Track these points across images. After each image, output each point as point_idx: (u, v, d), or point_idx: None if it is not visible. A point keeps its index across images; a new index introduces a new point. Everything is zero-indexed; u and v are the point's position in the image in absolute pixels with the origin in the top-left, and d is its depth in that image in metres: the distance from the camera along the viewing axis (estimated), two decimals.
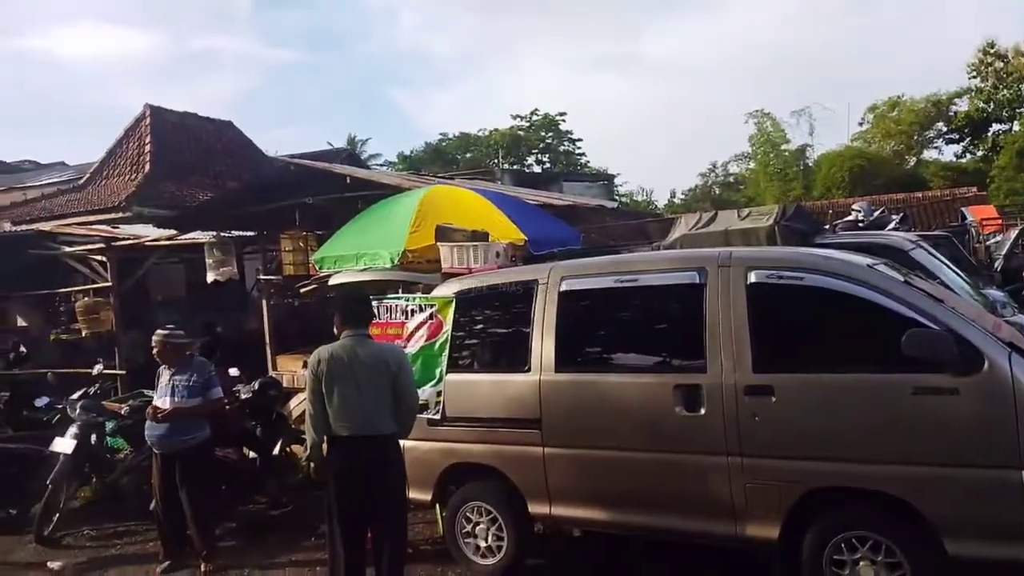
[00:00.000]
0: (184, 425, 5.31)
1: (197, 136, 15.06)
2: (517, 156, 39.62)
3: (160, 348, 5.42)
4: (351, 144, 35.91)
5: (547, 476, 4.47)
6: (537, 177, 27.34)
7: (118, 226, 11.02)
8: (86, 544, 6.12)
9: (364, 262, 5.97)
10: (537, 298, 4.67)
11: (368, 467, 4.13)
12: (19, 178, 28.93)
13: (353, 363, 4.13)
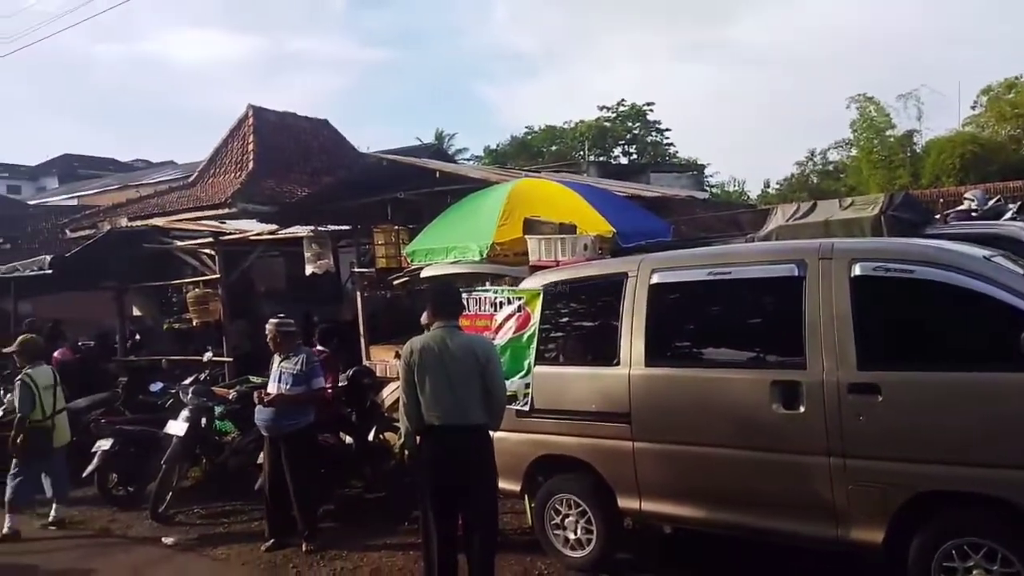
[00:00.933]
0: (289, 410, 5.62)
1: (295, 134, 15.68)
2: (603, 148, 39.21)
3: (273, 335, 5.75)
4: (438, 139, 36.56)
5: (637, 471, 4.43)
6: (624, 169, 27.00)
7: (225, 221, 11.62)
8: (196, 521, 6.51)
9: (454, 255, 6.08)
10: (626, 291, 4.62)
11: (458, 456, 4.21)
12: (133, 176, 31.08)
13: (443, 354, 4.20)
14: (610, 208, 6.34)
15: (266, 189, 13.59)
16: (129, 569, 5.44)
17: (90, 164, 42.53)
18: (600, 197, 6.67)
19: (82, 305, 13.63)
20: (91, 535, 6.34)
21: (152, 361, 10.72)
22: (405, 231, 8.94)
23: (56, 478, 6.64)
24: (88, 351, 11.25)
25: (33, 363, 6.62)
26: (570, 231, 5.56)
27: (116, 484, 7.09)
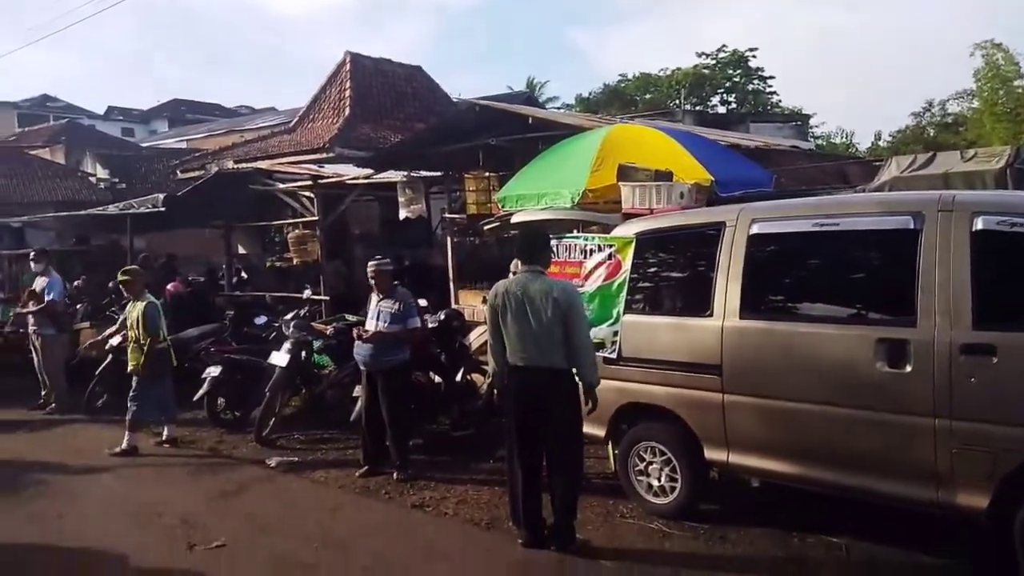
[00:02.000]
0: (387, 347, 5.87)
1: (390, 81, 15.85)
2: (700, 96, 37.71)
3: (373, 275, 5.97)
4: (530, 87, 36.10)
5: (726, 423, 4.37)
6: (721, 118, 25.91)
7: (323, 165, 11.97)
8: (296, 447, 6.92)
9: (545, 201, 6.04)
10: (723, 241, 4.49)
11: (538, 397, 4.31)
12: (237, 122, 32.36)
13: (525, 298, 4.29)
14: (709, 156, 6.11)
15: (361, 135, 13.85)
16: (236, 485, 5.86)
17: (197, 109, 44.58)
18: (699, 144, 6.44)
19: (191, 242, 14.50)
20: (201, 454, 6.84)
21: (256, 296, 11.32)
22: (496, 178, 8.96)
23: (168, 400, 7.18)
24: (198, 285, 11.97)
25: (143, 292, 7.07)
26: (666, 178, 5.42)
27: (224, 408, 7.61)
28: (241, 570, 4.28)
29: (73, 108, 46.82)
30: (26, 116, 42.13)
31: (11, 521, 5.18)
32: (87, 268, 13.29)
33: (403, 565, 4.27)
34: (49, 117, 41.41)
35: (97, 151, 26.54)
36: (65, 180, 23.75)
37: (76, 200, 20.50)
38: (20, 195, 21.57)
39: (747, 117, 25.70)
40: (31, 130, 35.23)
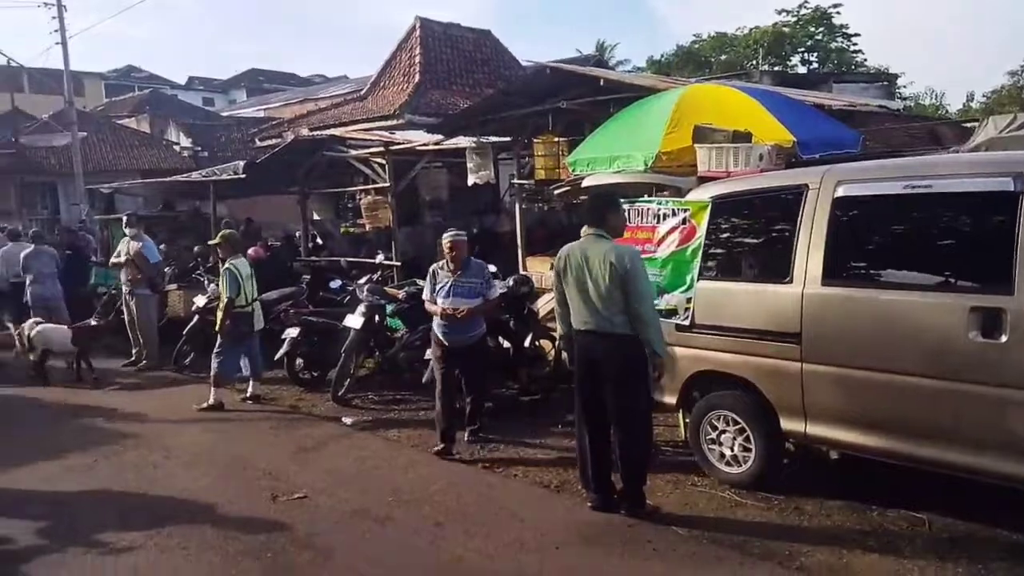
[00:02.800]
0: (471, 323, 5.72)
1: (459, 46, 15.83)
2: (779, 56, 36.10)
3: (450, 247, 5.68)
4: (599, 50, 35.34)
5: (804, 393, 4.25)
6: (802, 78, 24.66)
7: (394, 132, 12.11)
8: (370, 406, 7.13)
9: (617, 164, 5.92)
10: (806, 205, 4.32)
11: (599, 362, 4.30)
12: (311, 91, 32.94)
13: (585, 261, 4.28)
14: (791, 116, 5.84)
15: (431, 101, 13.93)
16: (315, 441, 6.10)
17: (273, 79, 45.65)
18: (780, 104, 6.16)
19: (268, 208, 14.94)
20: (282, 411, 7.14)
21: (331, 261, 11.61)
22: (565, 142, 8.84)
23: (253, 359, 7.50)
24: (277, 250, 12.35)
25: (234, 255, 7.37)
26: (745, 140, 5.22)
27: (302, 368, 7.90)
28: (321, 521, 4.46)
29: (156, 78, 48.72)
30: (113, 86, 44.07)
31: (113, 469, 5.55)
32: (173, 233, 13.90)
33: (474, 523, 4.37)
34: (134, 87, 43.23)
35: (180, 120, 27.60)
36: (150, 148, 24.80)
37: (161, 168, 21.42)
38: (109, 162, 22.68)
39: (829, 77, 24.40)
40: (118, 100, 36.87)
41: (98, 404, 7.50)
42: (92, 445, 6.08)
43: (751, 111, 5.80)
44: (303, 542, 4.18)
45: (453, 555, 4.00)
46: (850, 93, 18.85)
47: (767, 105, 5.88)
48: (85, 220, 16.09)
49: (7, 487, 5.23)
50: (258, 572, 3.85)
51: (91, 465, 5.64)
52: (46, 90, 28.39)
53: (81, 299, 10.11)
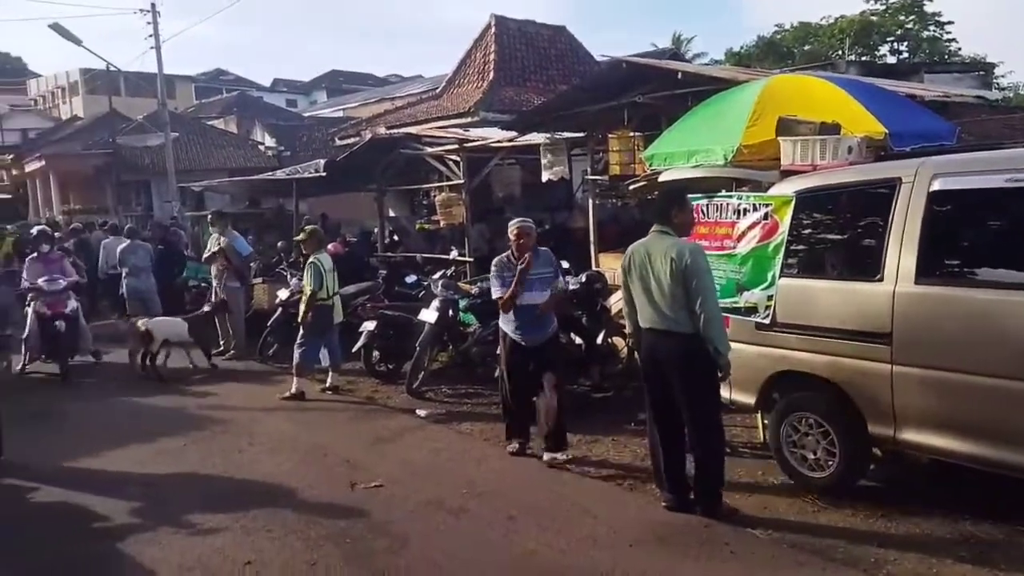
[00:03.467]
0: (547, 318, 5.42)
1: (534, 42, 15.84)
2: (867, 46, 34.54)
3: (517, 235, 5.35)
4: (675, 43, 34.71)
5: (894, 396, 4.05)
6: (891, 69, 23.53)
7: (468, 129, 12.22)
8: (444, 399, 7.23)
9: (696, 159, 5.79)
10: (898, 199, 4.12)
11: (664, 361, 4.23)
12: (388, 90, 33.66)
13: (648, 259, 4.23)
14: (882, 106, 5.56)
15: (505, 98, 13.99)
16: (391, 432, 6.23)
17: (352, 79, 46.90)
18: (871, 94, 5.88)
19: (346, 205, 15.37)
20: (359, 401, 7.32)
21: (407, 257, 11.84)
22: (641, 137, 8.73)
23: (332, 350, 7.72)
24: (354, 245, 12.68)
25: (318, 250, 7.61)
26: (832, 132, 5.01)
27: (378, 360, 8.08)
28: (397, 510, 4.55)
29: (243, 81, 50.84)
30: (202, 89, 46.26)
31: (201, 453, 5.82)
32: (258, 229, 14.48)
33: (547, 518, 4.37)
34: (222, 90, 45.22)
35: (265, 121, 28.70)
36: (237, 148, 25.93)
37: (247, 167, 22.36)
38: (199, 162, 23.81)
39: (921, 67, 23.19)
40: (207, 102, 38.65)
41: (188, 390, 7.88)
42: (182, 430, 6.40)
43: (839, 101, 5.56)
44: (380, 529, 4.28)
45: (526, 549, 4.01)
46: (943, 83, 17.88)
47: (856, 95, 5.62)
48: (177, 217, 16.93)
49: (104, 468, 5.55)
50: (338, 557, 3.96)
51: (181, 449, 5.93)
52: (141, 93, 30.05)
53: (173, 292, 10.63)
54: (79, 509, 4.82)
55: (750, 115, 5.60)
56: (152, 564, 3.96)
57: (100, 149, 25.45)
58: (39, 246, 8.83)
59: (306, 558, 3.94)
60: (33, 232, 9.45)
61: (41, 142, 34.76)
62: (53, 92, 50.74)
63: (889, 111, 5.48)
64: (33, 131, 42.48)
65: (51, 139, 34.02)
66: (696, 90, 7.65)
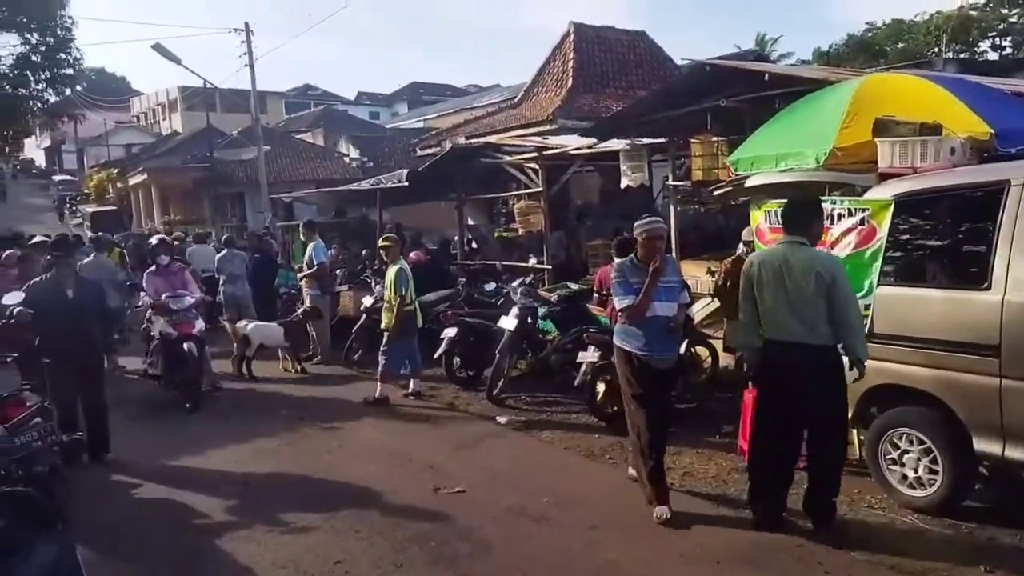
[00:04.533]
0: (676, 334, 4.83)
1: (613, 48, 15.77)
2: (965, 43, 32.64)
3: (648, 237, 4.50)
4: (759, 44, 33.76)
5: (1003, 412, 3.80)
6: (992, 66, 22.18)
7: (547, 137, 12.26)
8: (523, 407, 7.25)
9: (785, 163, 5.61)
10: (1007, 203, 3.88)
11: (798, 375, 4.04)
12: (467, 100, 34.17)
13: (783, 270, 4.04)
14: (987, 105, 5.24)
15: (583, 105, 13.97)
16: (472, 438, 6.30)
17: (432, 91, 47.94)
18: (974, 92, 5.55)
19: (425, 214, 15.65)
20: (440, 407, 7.43)
21: (486, 265, 11.97)
22: (724, 142, 8.53)
23: (412, 356, 7.87)
24: (435, 254, 12.91)
25: (397, 259, 7.79)
26: (933, 132, 4.76)
27: (459, 367, 8.19)
28: (479, 515, 4.59)
29: (329, 95, 52.77)
30: (291, 104, 48.30)
31: (293, 455, 6.05)
32: (343, 238, 14.94)
33: (630, 529, 4.31)
34: (310, 104, 47.06)
35: (349, 133, 29.69)
36: (324, 160, 26.91)
37: (332, 178, 23.15)
38: (289, 174, 24.82)
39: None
40: (296, 116, 40.30)
41: (279, 394, 8.21)
42: (275, 432, 6.66)
43: (940, 101, 5.28)
44: (464, 535, 4.32)
45: (609, 559, 3.97)
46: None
47: (958, 94, 5.32)
48: (268, 226, 17.68)
49: (204, 467, 5.84)
50: (423, 560, 4.03)
51: (274, 450, 6.18)
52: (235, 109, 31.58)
53: (266, 298, 11.10)
54: (180, 506, 5.09)
55: (844, 116, 5.39)
56: (248, 561, 4.14)
57: (198, 163, 26.99)
58: (157, 257, 8.15)
59: (393, 559, 4.03)
60: (152, 242, 8.89)
61: (143, 156, 37.17)
62: (154, 109, 54.17)
63: (994, 110, 5.16)
64: (136, 146, 45.51)
65: (153, 154, 36.34)
66: (784, 92, 7.43)
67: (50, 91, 21.51)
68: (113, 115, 50.81)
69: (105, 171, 40.18)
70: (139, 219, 33.06)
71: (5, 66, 20.33)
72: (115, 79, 66.77)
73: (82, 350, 5.85)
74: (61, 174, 50.78)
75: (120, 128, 51.64)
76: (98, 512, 4.95)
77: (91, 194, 39.87)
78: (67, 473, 4.88)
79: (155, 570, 4.13)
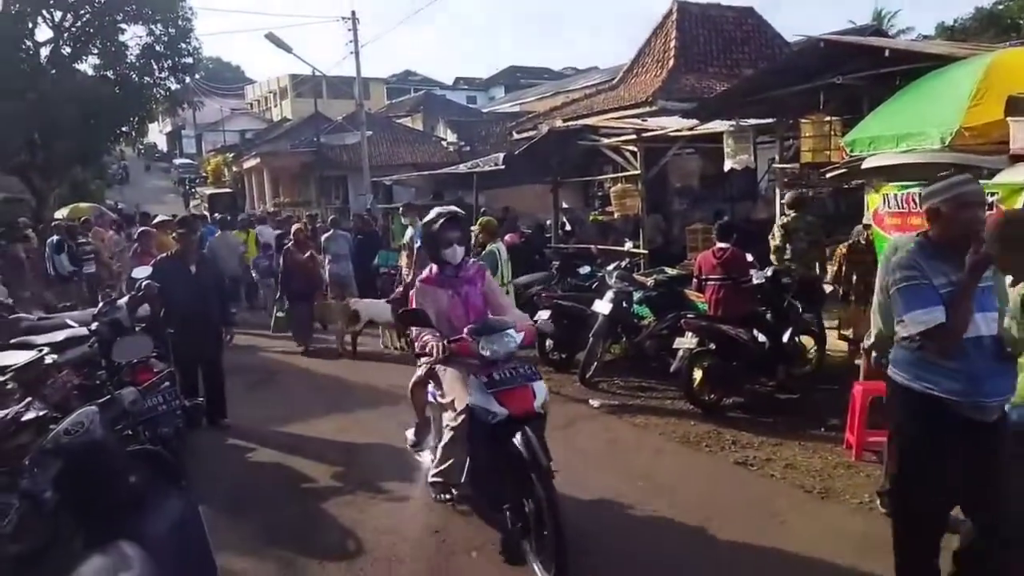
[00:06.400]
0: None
1: (718, 26, 15.24)
2: None
3: (971, 203, 2.89)
4: (877, 19, 31.72)
5: None
6: None
7: (646, 119, 12.03)
8: (616, 391, 7.20)
9: (906, 143, 5.29)
10: None
11: None
12: (564, 83, 33.97)
13: None
14: None
15: (685, 85, 13.61)
16: (565, 420, 6.30)
17: (529, 74, 47.94)
18: None
19: (519, 197, 15.74)
20: None
21: (581, 248, 11.93)
22: (838, 122, 8.13)
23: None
24: (529, 236, 12.98)
25: (493, 240, 7.88)
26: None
27: (551, 349, 8.21)
28: (574, 496, 4.59)
29: (428, 81, 53.75)
30: (392, 90, 49.56)
31: (393, 426, 6.18)
32: None
33: (730, 517, 4.22)
34: (410, 89, 48.10)
35: (447, 118, 30.14)
36: (423, 144, 27.48)
37: (430, 161, 23.62)
38: (389, 158, 25.51)
39: None
40: (396, 102, 41.31)
41: (378, 369, 8.50)
42: (375, 404, 6.93)
43: None
44: None
45: (709, 547, 3.91)
46: None
47: None
48: (370, 208, 18.26)
49: (310, 435, 6.15)
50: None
51: (377, 421, 6.42)
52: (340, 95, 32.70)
53: (367, 278, 11.51)
54: (289, 470, 5.39)
55: (972, 94, 5.03)
56: (351, 525, 4.34)
57: (305, 147, 28.16)
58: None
59: (489, 536, 4.11)
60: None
61: (256, 141, 39.19)
62: (266, 96, 56.91)
63: None
64: (249, 132, 48.00)
65: (264, 139, 38.21)
66: (905, 68, 6.97)
67: (172, 79, 22.92)
68: (229, 102, 53.80)
69: (221, 155, 42.66)
70: (251, 201, 34.89)
71: (132, 56, 21.83)
72: (230, 68, 70.58)
73: (202, 321, 6.26)
74: (181, 158, 54.27)
75: (235, 114, 54.63)
76: (216, 473, 5.30)
77: (208, 177, 42.42)
78: (187, 435, 5.26)
79: (271, 528, 4.38)
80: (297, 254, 9.59)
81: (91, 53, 21.49)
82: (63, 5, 20.45)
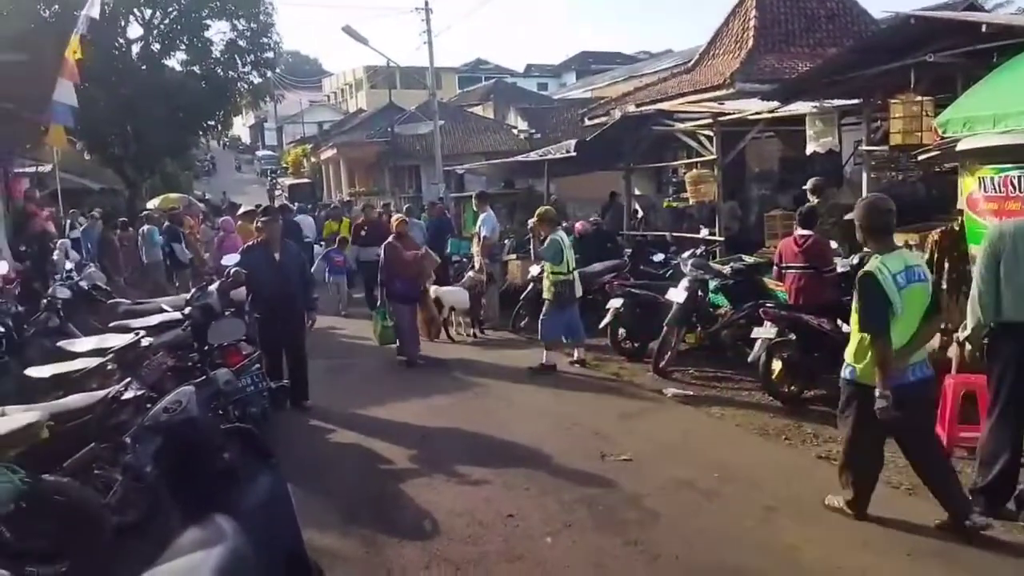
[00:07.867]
0: None
1: (800, 4, 14.65)
2: None
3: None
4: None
5: None
6: None
7: (723, 103, 11.70)
8: (691, 381, 7.09)
9: (1006, 124, 4.96)
10: None
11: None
12: (636, 68, 33.37)
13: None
14: None
15: (765, 67, 13.16)
16: (637, 408, 6.29)
17: (601, 59, 47.31)
18: None
19: (592, 185, 15.58)
20: (605, 377, 7.46)
21: (654, 235, 11.75)
22: (930, 102, 7.69)
23: (574, 325, 7.92)
24: (599, 224, 12.86)
25: (553, 229, 7.85)
26: None
27: (624, 338, 8.14)
28: (646, 485, 4.59)
29: (500, 69, 53.83)
30: (464, 79, 49.90)
31: (467, 412, 6.37)
32: (510, 209, 15.29)
33: (807, 512, 4.12)
34: (481, 78, 48.29)
35: (518, 106, 30.12)
36: (494, 133, 27.58)
37: (501, 150, 23.66)
38: (460, 147, 25.72)
39: None
40: (468, 91, 41.57)
41: (452, 356, 8.64)
42: (449, 391, 7.06)
43: None
44: (631, 502, 4.35)
45: (786, 543, 3.82)
46: None
47: None
48: (443, 197, 18.49)
49: (387, 418, 6.32)
50: (591, 523, 4.11)
51: (449, 407, 6.55)
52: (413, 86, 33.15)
53: (440, 266, 11.67)
54: (368, 451, 5.56)
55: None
56: (427, 506, 4.45)
57: (380, 138, 28.72)
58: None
59: (562, 519, 4.14)
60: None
61: (333, 133, 40.23)
62: (343, 88, 58.29)
63: None
64: (327, 123, 49.31)
65: (341, 130, 39.19)
66: (1003, 44, 6.54)
67: (254, 73, 23.77)
68: (307, 95, 55.40)
69: (300, 147, 44.02)
70: (328, 191, 35.88)
71: (217, 51, 22.74)
72: (308, 61, 72.59)
73: (286, 306, 6.50)
74: (263, 150, 56.25)
75: (313, 107, 56.26)
76: (300, 452, 5.52)
77: (288, 168, 43.87)
78: (272, 416, 5.49)
79: (353, 506, 4.54)
80: (401, 250, 8.24)
81: (178, 49, 22.50)
82: (152, 3, 21.48)
